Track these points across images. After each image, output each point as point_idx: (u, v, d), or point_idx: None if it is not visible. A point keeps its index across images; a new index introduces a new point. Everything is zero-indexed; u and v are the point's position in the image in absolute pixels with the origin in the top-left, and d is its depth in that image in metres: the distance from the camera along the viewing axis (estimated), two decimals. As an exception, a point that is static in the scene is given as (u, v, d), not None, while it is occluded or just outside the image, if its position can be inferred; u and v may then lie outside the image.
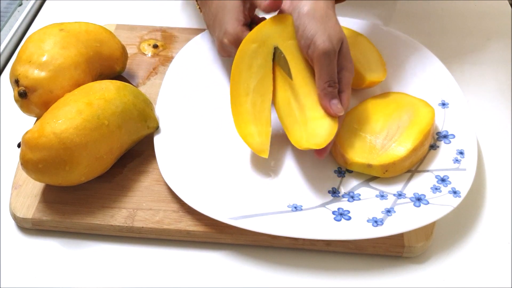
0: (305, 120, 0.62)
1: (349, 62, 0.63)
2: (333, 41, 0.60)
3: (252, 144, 0.64)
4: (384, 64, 0.73)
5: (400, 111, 0.67)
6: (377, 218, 0.59)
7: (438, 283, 0.58)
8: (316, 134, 0.61)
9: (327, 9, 0.62)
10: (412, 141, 0.63)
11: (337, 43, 0.61)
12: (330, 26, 0.61)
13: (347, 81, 0.63)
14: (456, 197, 0.60)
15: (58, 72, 0.64)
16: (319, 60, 0.61)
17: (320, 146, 0.60)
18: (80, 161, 0.59)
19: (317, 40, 0.60)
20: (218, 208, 0.59)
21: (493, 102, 0.76)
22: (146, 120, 0.66)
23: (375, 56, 0.73)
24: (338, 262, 0.60)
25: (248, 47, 0.65)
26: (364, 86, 0.71)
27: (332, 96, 0.61)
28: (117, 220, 0.61)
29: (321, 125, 0.61)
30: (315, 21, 0.61)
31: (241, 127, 0.64)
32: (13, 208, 0.62)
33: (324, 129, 0.61)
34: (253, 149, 0.64)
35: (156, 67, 0.78)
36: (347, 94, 0.63)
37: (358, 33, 0.76)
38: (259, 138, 0.64)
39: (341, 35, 0.62)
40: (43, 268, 0.59)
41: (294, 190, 0.63)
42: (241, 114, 0.64)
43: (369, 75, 0.71)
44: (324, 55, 0.60)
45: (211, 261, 0.60)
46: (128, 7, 0.89)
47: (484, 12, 0.89)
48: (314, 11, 0.62)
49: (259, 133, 0.64)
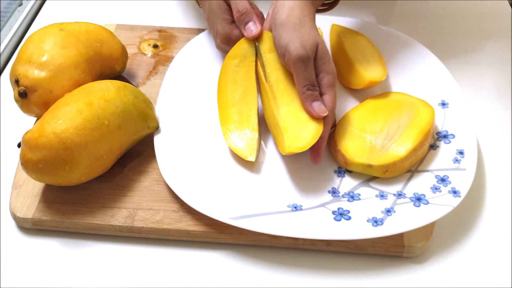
0: (287, 126, 0.63)
1: (327, 65, 0.64)
2: (306, 47, 0.62)
3: (237, 150, 0.65)
4: (384, 64, 0.73)
5: (400, 111, 0.67)
6: (377, 218, 0.59)
7: (438, 283, 0.58)
8: (298, 138, 0.62)
9: (303, 16, 0.64)
10: (412, 141, 0.63)
11: (311, 48, 0.62)
12: (304, 32, 0.63)
13: (327, 83, 0.63)
14: (456, 197, 0.60)
15: (58, 72, 0.64)
16: (294, 66, 0.63)
17: (302, 149, 0.61)
18: (80, 161, 0.59)
19: (290, 48, 0.62)
20: (218, 208, 0.59)
21: (493, 102, 0.76)
22: (146, 120, 0.66)
23: (375, 56, 0.73)
24: (338, 262, 0.60)
25: (230, 63, 0.69)
26: (364, 86, 0.71)
27: (313, 99, 0.62)
28: (117, 220, 0.61)
29: (304, 129, 0.62)
30: (288, 30, 0.63)
31: (228, 136, 0.66)
32: (13, 208, 0.62)
33: (307, 133, 0.62)
34: (239, 154, 0.64)
35: (156, 67, 0.78)
36: (330, 95, 0.63)
37: (358, 33, 0.76)
38: (245, 143, 0.65)
39: (315, 40, 0.63)
40: (43, 268, 0.59)
41: (294, 190, 0.63)
42: (228, 124, 0.67)
43: (369, 75, 0.71)
44: (298, 61, 0.62)
45: (211, 261, 0.60)
46: (128, 7, 0.89)
47: (484, 12, 0.89)
48: (288, 20, 0.64)
49: (246, 139, 0.65)
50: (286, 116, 0.63)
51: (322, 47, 0.64)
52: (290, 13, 0.64)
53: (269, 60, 0.67)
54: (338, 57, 0.75)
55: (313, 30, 0.64)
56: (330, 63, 0.64)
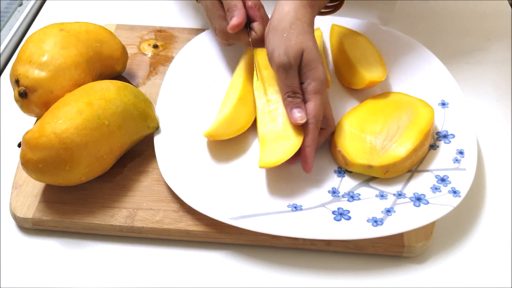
0: (266, 141, 0.63)
1: (313, 72, 0.62)
2: (289, 54, 0.62)
3: (203, 131, 0.65)
4: (384, 64, 0.73)
5: (400, 111, 0.67)
6: (377, 218, 0.59)
7: (438, 283, 0.58)
8: (272, 153, 0.62)
9: (295, 20, 0.63)
10: (412, 141, 0.63)
11: (294, 56, 0.62)
12: (291, 38, 0.62)
13: (312, 90, 0.63)
14: (456, 197, 0.60)
15: (59, 72, 0.64)
16: (277, 73, 0.63)
17: (271, 164, 0.61)
18: (81, 161, 0.59)
19: (274, 54, 0.63)
20: (218, 208, 0.59)
21: (493, 102, 0.76)
22: (146, 120, 0.66)
23: (375, 56, 0.74)
24: (338, 262, 0.60)
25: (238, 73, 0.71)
26: (364, 86, 0.71)
27: (293, 105, 0.62)
28: (117, 220, 0.61)
29: (282, 144, 0.62)
30: (276, 35, 0.63)
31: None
32: (13, 208, 0.62)
33: (282, 148, 0.62)
34: (203, 134, 0.65)
35: (156, 67, 0.78)
36: (314, 102, 0.62)
37: (358, 33, 0.76)
38: (209, 125, 0.66)
39: (301, 46, 0.62)
40: (43, 268, 0.59)
41: (294, 190, 0.63)
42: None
43: (369, 74, 0.71)
44: (280, 68, 0.62)
45: (211, 261, 0.60)
46: (128, 7, 0.89)
47: (484, 12, 0.89)
48: (279, 24, 0.64)
49: (212, 121, 0.66)
50: (270, 131, 0.64)
51: (308, 53, 0.62)
52: (283, 17, 0.63)
53: (264, 76, 0.68)
54: (338, 57, 0.75)
55: (302, 35, 0.62)
56: (317, 69, 0.63)
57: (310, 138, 0.62)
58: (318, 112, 0.62)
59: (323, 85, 0.63)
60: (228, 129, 0.65)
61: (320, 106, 0.62)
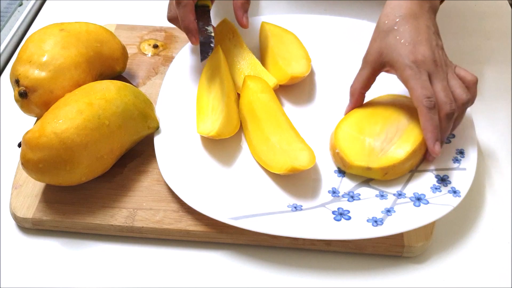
0: (283, 150, 0.64)
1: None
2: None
3: (202, 130, 0.65)
4: (310, 60, 0.74)
5: (399, 113, 0.67)
6: (377, 218, 0.59)
7: (438, 283, 0.58)
8: (299, 159, 0.62)
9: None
10: (411, 143, 0.63)
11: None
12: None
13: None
14: (456, 197, 0.60)
15: (59, 72, 0.64)
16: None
17: (305, 167, 0.61)
18: (81, 161, 0.59)
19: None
20: (218, 208, 0.60)
21: (493, 102, 0.76)
22: (146, 120, 0.66)
23: (300, 52, 0.75)
24: (338, 262, 0.60)
25: (204, 75, 0.72)
26: (287, 81, 0.72)
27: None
28: (117, 220, 0.61)
29: (301, 154, 0.63)
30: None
31: (198, 120, 0.67)
32: (13, 208, 0.62)
33: (305, 156, 0.63)
34: (201, 133, 0.65)
35: (156, 67, 0.78)
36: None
37: (286, 30, 0.78)
38: (211, 124, 0.65)
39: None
40: (43, 268, 0.59)
41: (294, 190, 0.63)
42: (201, 109, 0.68)
43: (291, 70, 0.72)
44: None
45: (211, 261, 0.60)
46: (128, 7, 0.89)
47: (484, 12, 0.89)
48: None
49: (212, 120, 0.66)
50: (280, 142, 0.64)
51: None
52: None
53: (259, 99, 0.68)
54: (264, 54, 0.76)
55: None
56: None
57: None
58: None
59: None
60: (228, 127, 0.66)
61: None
